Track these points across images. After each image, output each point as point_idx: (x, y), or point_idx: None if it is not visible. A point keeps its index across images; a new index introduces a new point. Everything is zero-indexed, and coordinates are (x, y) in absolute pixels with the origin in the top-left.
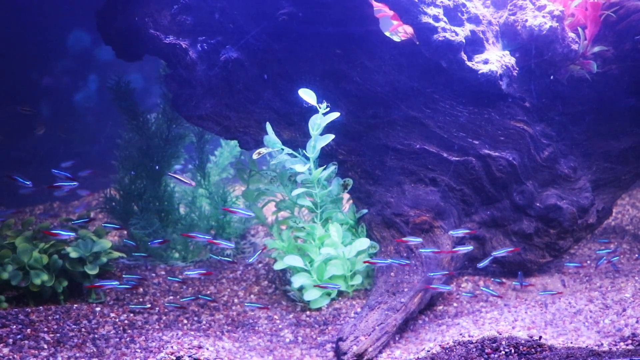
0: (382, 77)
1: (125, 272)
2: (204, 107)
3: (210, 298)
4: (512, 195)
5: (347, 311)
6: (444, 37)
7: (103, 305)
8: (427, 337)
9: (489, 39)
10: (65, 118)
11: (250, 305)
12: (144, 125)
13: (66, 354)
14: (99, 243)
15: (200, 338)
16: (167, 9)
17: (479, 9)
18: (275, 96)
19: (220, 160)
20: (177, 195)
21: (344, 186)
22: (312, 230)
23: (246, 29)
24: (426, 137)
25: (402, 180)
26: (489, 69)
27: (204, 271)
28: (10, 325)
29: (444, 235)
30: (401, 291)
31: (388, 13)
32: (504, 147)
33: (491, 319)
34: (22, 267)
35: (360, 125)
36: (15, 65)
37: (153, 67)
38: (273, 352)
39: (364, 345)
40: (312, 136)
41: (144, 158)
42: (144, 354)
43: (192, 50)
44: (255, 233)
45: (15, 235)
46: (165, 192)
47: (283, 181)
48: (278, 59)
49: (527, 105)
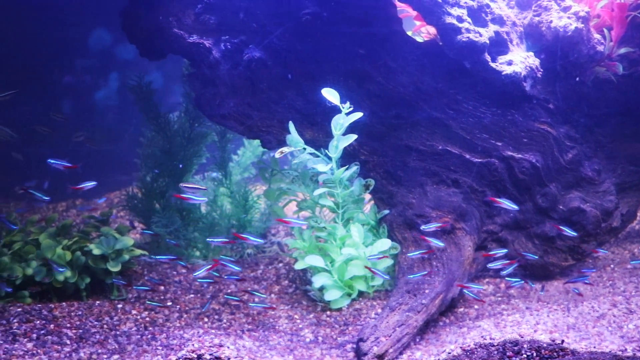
0: (405, 77)
1: (147, 270)
2: (227, 107)
3: (237, 298)
4: (535, 198)
5: (368, 312)
6: (467, 37)
7: (125, 302)
8: (448, 339)
9: (513, 40)
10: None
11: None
12: (166, 124)
13: (88, 350)
14: (121, 240)
15: (221, 336)
16: (191, 8)
17: (503, 10)
18: (298, 96)
19: (242, 160)
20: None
21: (366, 186)
22: (333, 231)
23: (269, 29)
24: (449, 138)
25: (424, 181)
26: (513, 70)
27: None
28: (34, 321)
29: (466, 237)
30: (422, 292)
31: (411, 13)
32: (527, 149)
33: (513, 322)
34: (45, 264)
35: (383, 126)
36: (38, 64)
37: (174, 66)
38: (293, 352)
39: (385, 346)
40: (335, 136)
41: (166, 157)
42: (165, 351)
43: (216, 49)
44: (275, 232)
45: (39, 232)
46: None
47: (305, 181)
48: (301, 58)
49: (551, 107)
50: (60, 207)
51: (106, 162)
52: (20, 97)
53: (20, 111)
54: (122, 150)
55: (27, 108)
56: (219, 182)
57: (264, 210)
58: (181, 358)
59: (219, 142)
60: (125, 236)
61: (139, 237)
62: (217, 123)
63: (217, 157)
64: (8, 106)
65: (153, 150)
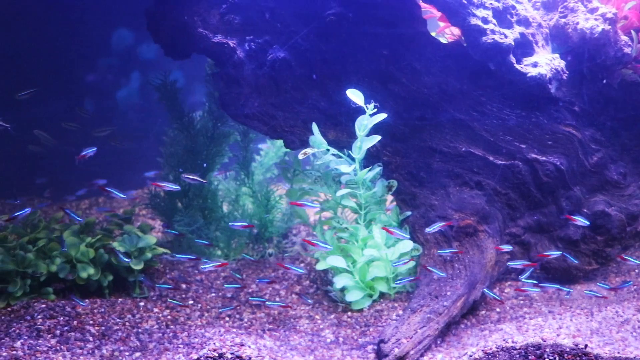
0: (429, 78)
1: (169, 269)
2: (251, 107)
3: (263, 299)
4: (558, 201)
5: (389, 313)
6: (492, 39)
7: (147, 300)
8: (470, 341)
9: (539, 41)
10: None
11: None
12: (189, 123)
13: (110, 347)
14: (144, 239)
15: (242, 336)
16: (216, 8)
17: (529, 11)
18: (322, 96)
19: (265, 160)
20: (220, 193)
21: (389, 188)
22: (355, 231)
23: (294, 29)
24: (472, 140)
25: (447, 183)
26: (538, 72)
27: (219, 263)
28: (57, 317)
29: (489, 240)
30: (444, 295)
31: (435, 14)
32: (551, 152)
33: (535, 326)
34: (69, 261)
35: (407, 127)
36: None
37: (195, 66)
38: (314, 352)
39: (406, 348)
40: (359, 137)
41: (189, 156)
42: (187, 350)
43: (240, 49)
44: (297, 232)
45: (62, 229)
46: (208, 190)
47: (327, 181)
48: (325, 59)
49: (577, 109)
50: (83, 205)
51: (129, 161)
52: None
53: (45, 109)
54: (145, 148)
55: (51, 106)
56: (241, 182)
57: (285, 210)
58: (203, 357)
59: (242, 142)
60: (148, 234)
61: (161, 235)
62: (241, 123)
63: (240, 156)
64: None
65: (176, 149)
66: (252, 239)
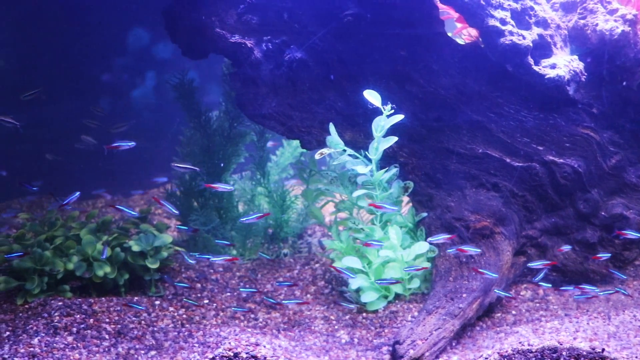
0: (447, 80)
1: (184, 268)
2: (269, 107)
3: (274, 301)
4: (576, 203)
5: (404, 314)
6: (510, 40)
7: (162, 299)
8: (485, 344)
9: (557, 43)
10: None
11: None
12: (206, 123)
13: (126, 345)
14: (160, 237)
15: (257, 335)
16: (234, 8)
17: (547, 13)
18: (339, 97)
19: (281, 160)
20: (236, 193)
21: (405, 189)
22: (371, 232)
23: (311, 29)
24: (489, 141)
25: (464, 185)
26: (556, 74)
27: (230, 257)
28: (74, 315)
29: (505, 242)
30: (459, 297)
31: (453, 15)
32: (569, 154)
33: (551, 329)
34: (86, 259)
35: (423, 128)
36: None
37: (210, 65)
38: (329, 353)
39: (421, 350)
40: (375, 138)
41: (205, 155)
42: (202, 349)
43: (257, 49)
44: (312, 233)
45: (79, 227)
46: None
47: (343, 182)
48: (342, 59)
49: (595, 111)
50: (99, 204)
51: (146, 160)
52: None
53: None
54: (161, 148)
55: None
56: (256, 182)
57: (300, 211)
58: (218, 356)
59: (258, 142)
60: (164, 233)
61: (177, 234)
62: (257, 123)
63: (256, 156)
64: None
65: (192, 149)
66: (267, 239)
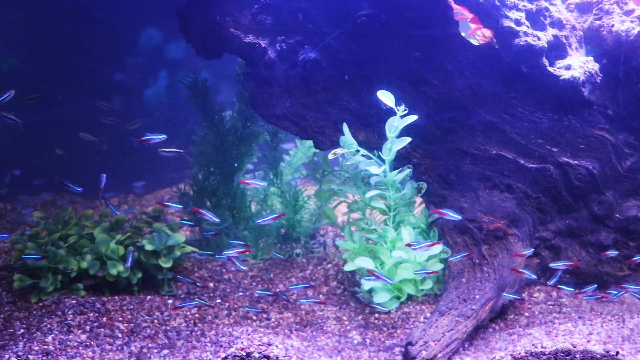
0: (461, 80)
1: (197, 267)
2: (282, 107)
3: (285, 297)
4: (590, 205)
5: (417, 316)
6: (525, 41)
7: (175, 298)
8: (498, 346)
9: (572, 44)
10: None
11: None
12: (219, 122)
13: (139, 344)
14: (173, 237)
15: (269, 335)
16: (248, 8)
17: (563, 13)
18: (352, 97)
19: (294, 160)
20: (248, 193)
21: (418, 190)
22: (384, 233)
23: (325, 30)
24: (503, 143)
25: (477, 186)
26: (571, 75)
27: (242, 249)
28: (87, 313)
29: (518, 243)
30: (472, 298)
31: (467, 16)
32: (583, 156)
33: (565, 331)
34: (99, 257)
35: (437, 129)
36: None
37: (222, 65)
38: (341, 353)
39: (434, 351)
40: (389, 138)
41: (218, 155)
42: (214, 348)
43: (271, 49)
44: (324, 233)
45: (93, 226)
46: (237, 189)
47: (356, 182)
48: (356, 60)
49: (610, 113)
50: (112, 202)
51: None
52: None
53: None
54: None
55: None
56: (269, 182)
57: (313, 211)
58: (230, 355)
59: (271, 142)
60: (177, 233)
61: (189, 234)
62: (271, 123)
63: (269, 156)
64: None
65: (205, 149)
66: (279, 239)
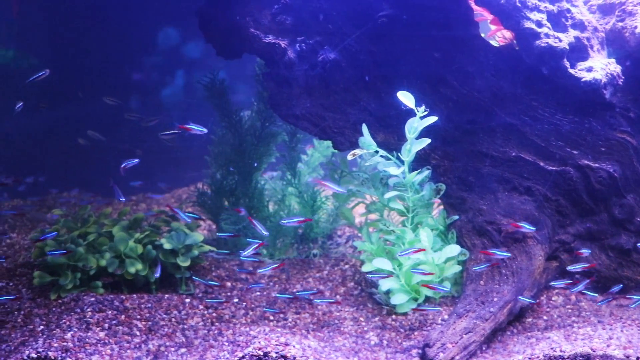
0: (481, 82)
1: (214, 266)
2: (302, 107)
3: (307, 295)
4: (610, 209)
5: (434, 317)
6: (546, 43)
7: (192, 297)
8: (516, 349)
9: (594, 46)
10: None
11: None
12: (238, 122)
13: (157, 342)
14: (191, 236)
15: (286, 335)
16: (268, 8)
17: (585, 15)
18: (372, 98)
19: (311, 161)
20: (266, 192)
21: (437, 191)
22: (402, 234)
23: (345, 30)
24: (523, 145)
25: (496, 188)
26: (593, 77)
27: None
28: (106, 311)
29: (537, 246)
30: (490, 300)
31: (487, 17)
32: (604, 159)
33: (584, 335)
34: (118, 255)
35: (457, 131)
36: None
37: (239, 65)
38: (358, 354)
39: (451, 353)
40: (408, 139)
41: (236, 155)
42: (232, 347)
43: (291, 50)
44: (342, 234)
45: (111, 224)
46: (255, 189)
47: (375, 183)
48: (376, 61)
49: (632, 115)
50: (130, 201)
51: (178, 158)
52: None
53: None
54: (194, 146)
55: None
56: (287, 182)
57: (330, 212)
58: (247, 355)
59: (289, 142)
60: (195, 232)
61: (207, 233)
62: (290, 123)
63: (287, 156)
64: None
65: (224, 148)
66: (297, 239)
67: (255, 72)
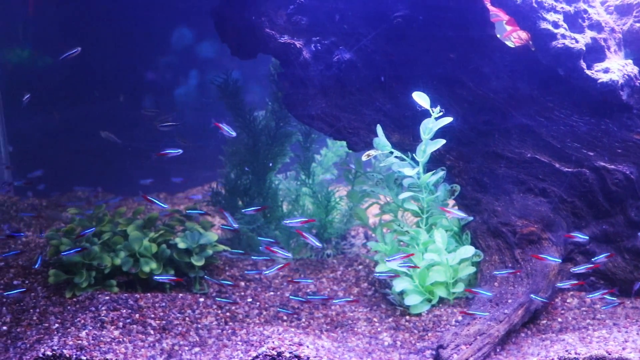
0: (497, 83)
1: (228, 266)
2: (317, 107)
3: (320, 296)
4: (627, 211)
5: (448, 319)
6: (563, 44)
7: (206, 296)
8: (530, 351)
9: (611, 47)
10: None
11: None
12: (252, 122)
13: (171, 341)
14: (206, 235)
15: (300, 335)
16: (283, 8)
17: (602, 16)
18: (387, 99)
19: (324, 161)
20: (280, 192)
21: (452, 192)
22: (416, 235)
23: (360, 31)
24: (538, 146)
25: (511, 189)
26: (609, 78)
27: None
28: (120, 309)
29: (552, 248)
30: (505, 302)
31: (503, 18)
32: (621, 160)
33: (599, 338)
34: (132, 254)
35: (472, 132)
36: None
37: (253, 65)
38: (371, 355)
39: (465, 355)
40: (423, 140)
41: (250, 155)
42: (245, 347)
43: (306, 50)
44: (355, 234)
45: (126, 223)
46: (269, 189)
47: (389, 184)
48: (392, 61)
49: None
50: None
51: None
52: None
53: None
54: (208, 146)
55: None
56: (301, 182)
57: (344, 212)
58: (261, 355)
59: (304, 142)
60: (209, 231)
61: (221, 232)
62: (305, 124)
63: (301, 157)
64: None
65: (238, 148)
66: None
67: (269, 72)
